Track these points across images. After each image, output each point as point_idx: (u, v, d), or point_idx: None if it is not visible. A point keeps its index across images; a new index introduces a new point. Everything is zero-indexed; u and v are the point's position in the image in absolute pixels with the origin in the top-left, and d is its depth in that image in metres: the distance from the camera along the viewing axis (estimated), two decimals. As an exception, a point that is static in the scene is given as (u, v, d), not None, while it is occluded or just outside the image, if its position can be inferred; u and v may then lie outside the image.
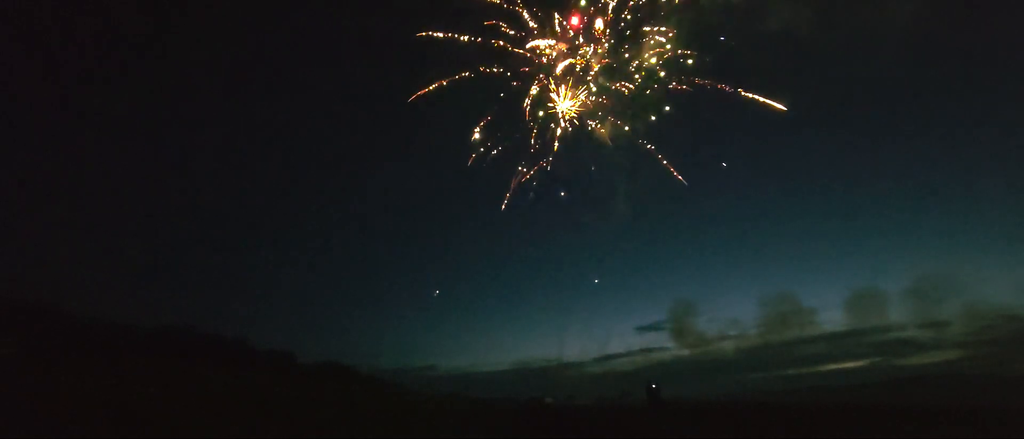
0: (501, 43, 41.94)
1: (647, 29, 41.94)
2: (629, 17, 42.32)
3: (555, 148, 43.85)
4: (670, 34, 41.94)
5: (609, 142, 43.74)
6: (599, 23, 41.69)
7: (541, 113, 43.92)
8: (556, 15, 41.51)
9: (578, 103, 43.50)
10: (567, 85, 43.20)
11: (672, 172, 44.47)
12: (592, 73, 43.14)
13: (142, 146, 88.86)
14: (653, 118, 44.44)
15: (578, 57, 42.56)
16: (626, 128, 44.59)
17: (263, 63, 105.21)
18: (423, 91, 42.68)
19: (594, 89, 43.65)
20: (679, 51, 42.24)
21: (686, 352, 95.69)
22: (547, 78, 43.01)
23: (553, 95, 43.15)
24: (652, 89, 43.33)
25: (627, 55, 42.85)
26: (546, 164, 44.13)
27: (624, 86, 43.18)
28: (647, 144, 44.95)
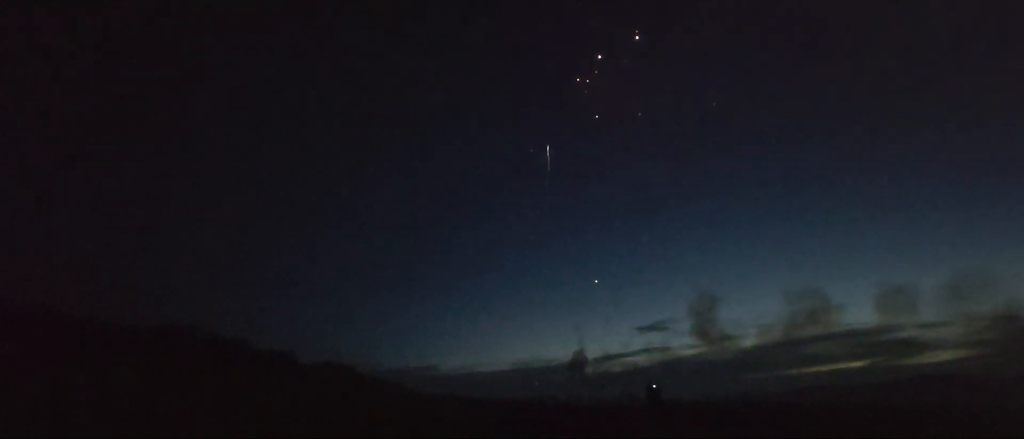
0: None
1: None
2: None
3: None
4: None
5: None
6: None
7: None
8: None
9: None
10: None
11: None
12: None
13: (142, 145, 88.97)
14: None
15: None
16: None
17: (263, 62, 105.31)
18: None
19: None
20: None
21: (694, 351, 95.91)
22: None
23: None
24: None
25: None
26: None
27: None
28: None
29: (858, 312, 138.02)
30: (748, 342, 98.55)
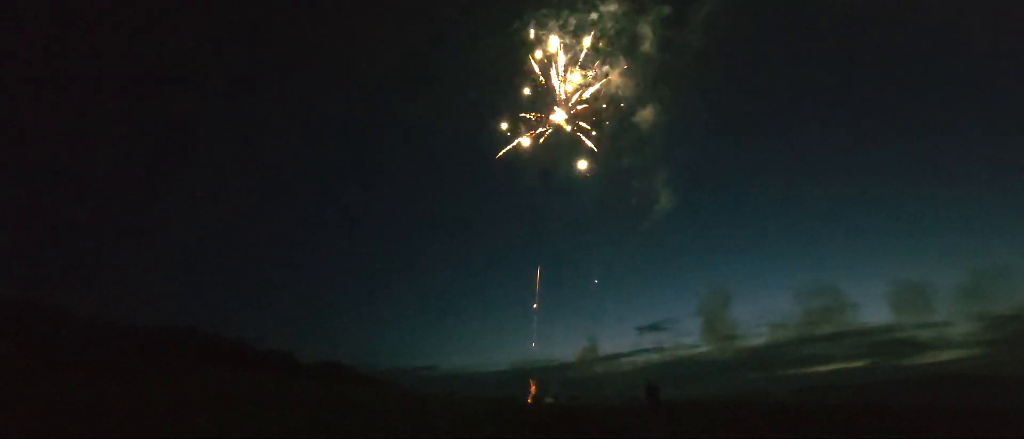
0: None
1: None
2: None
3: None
4: None
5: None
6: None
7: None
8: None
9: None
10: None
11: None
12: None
13: (143, 146, 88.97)
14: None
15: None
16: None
17: (264, 63, 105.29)
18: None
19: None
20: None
21: (693, 351, 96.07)
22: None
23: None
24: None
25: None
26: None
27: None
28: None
29: (870, 311, 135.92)
30: (750, 342, 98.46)
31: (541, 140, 46.69)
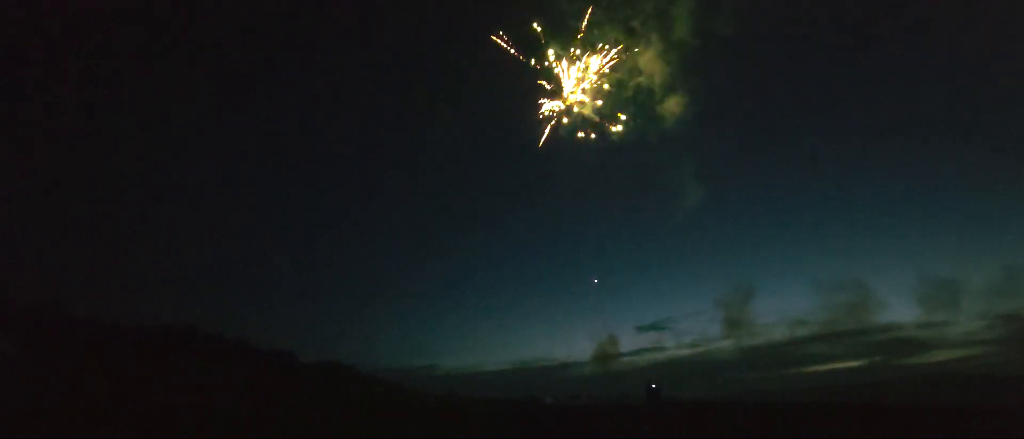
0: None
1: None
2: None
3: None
4: None
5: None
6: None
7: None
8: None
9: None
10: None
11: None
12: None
13: (142, 146, 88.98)
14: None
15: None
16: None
17: (265, 64, 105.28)
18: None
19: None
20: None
21: (693, 350, 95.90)
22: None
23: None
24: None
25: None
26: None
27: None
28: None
29: (893, 309, 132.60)
30: (753, 341, 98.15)
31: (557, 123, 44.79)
